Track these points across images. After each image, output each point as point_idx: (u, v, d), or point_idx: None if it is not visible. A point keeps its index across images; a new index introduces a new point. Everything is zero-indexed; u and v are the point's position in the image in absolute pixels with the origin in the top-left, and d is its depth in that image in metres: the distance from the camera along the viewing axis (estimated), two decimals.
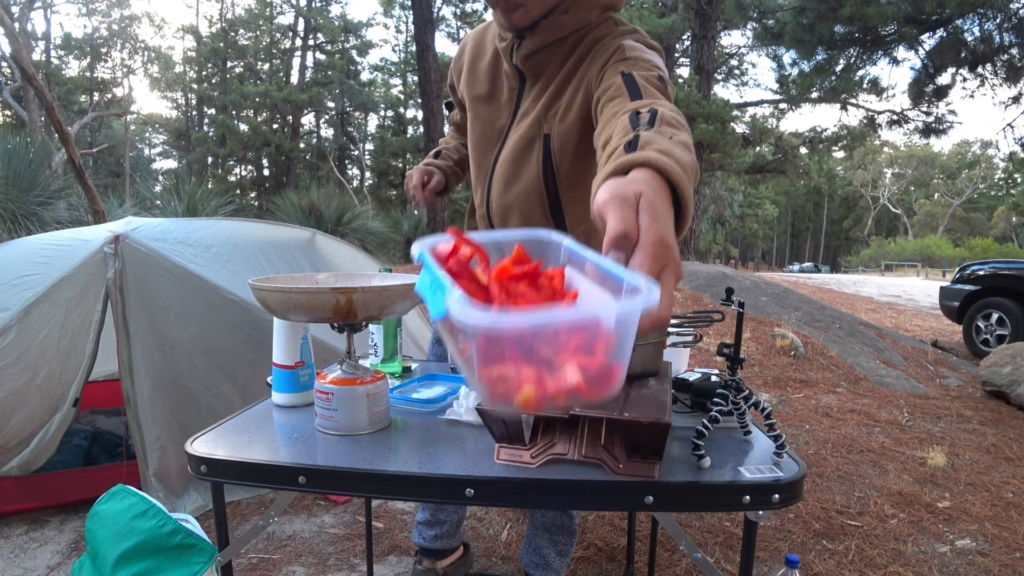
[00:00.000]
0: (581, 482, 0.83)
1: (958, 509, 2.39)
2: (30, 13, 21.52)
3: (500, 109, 1.31)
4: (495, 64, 1.32)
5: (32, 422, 2.09)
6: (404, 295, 1.00)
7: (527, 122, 1.25)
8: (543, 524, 1.61)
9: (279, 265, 2.58)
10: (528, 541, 1.66)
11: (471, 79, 1.37)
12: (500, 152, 1.30)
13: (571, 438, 0.88)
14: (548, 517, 1.61)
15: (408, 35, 29.40)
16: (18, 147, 7.03)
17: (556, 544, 1.61)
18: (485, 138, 1.33)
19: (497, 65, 1.32)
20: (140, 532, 1.44)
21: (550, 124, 1.22)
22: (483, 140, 1.34)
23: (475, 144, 1.36)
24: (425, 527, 1.66)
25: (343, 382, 1.01)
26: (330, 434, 1.00)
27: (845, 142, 12.41)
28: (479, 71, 1.35)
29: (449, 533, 1.67)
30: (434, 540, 1.66)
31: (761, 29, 7.13)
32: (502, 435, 0.87)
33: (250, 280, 1.02)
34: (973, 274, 6.14)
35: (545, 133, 1.22)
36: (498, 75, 1.32)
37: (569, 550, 1.64)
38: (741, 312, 0.92)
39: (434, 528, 1.65)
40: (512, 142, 1.27)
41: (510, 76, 1.29)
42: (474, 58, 1.37)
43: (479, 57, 1.37)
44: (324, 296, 0.94)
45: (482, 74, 1.34)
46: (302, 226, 3.27)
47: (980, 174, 47.81)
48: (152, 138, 36.75)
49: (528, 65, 1.23)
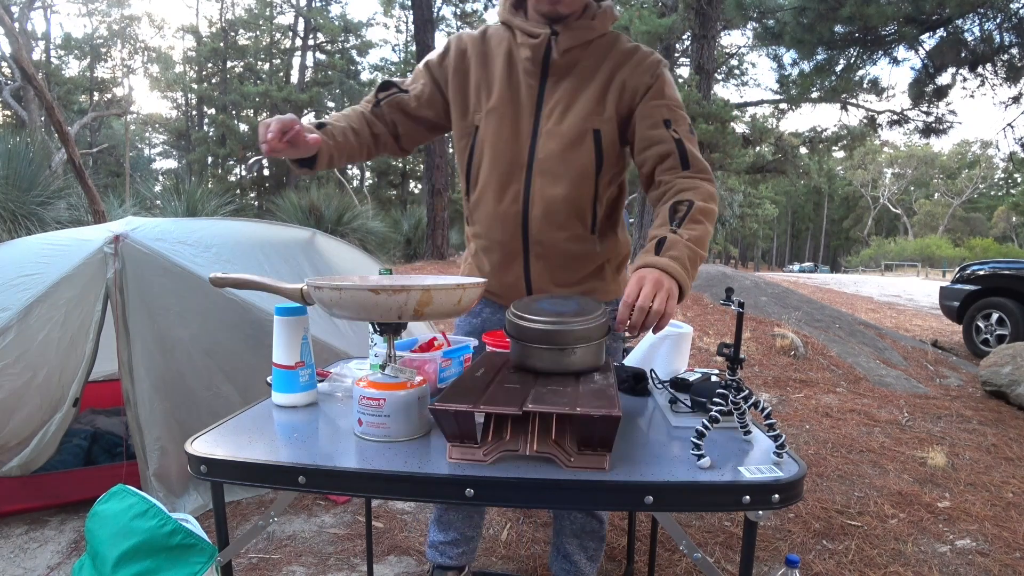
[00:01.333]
0: (580, 482, 0.83)
1: (958, 509, 2.39)
2: (30, 13, 21.51)
3: (520, 107, 1.35)
4: (509, 66, 1.36)
5: (32, 422, 2.09)
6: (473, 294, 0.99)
7: (572, 118, 1.31)
8: (572, 531, 1.60)
9: (279, 265, 2.58)
10: (556, 548, 1.65)
11: (485, 83, 1.38)
12: (535, 147, 1.33)
13: (522, 434, 0.89)
14: (578, 524, 1.60)
15: (408, 35, 29.42)
16: (18, 147, 7.03)
17: (586, 550, 1.61)
18: (512, 137, 1.35)
19: (511, 67, 1.36)
20: (140, 532, 1.44)
21: (600, 121, 1.32)
22: (510, 139, 1.35)
23: (497, 145, 1.36)
24: (449, 547, 1.64)
25: (394, 387, 0.96)
26: (380, 441, 0.97)
27: (845, 142, 12.38)
28: (493, 75, 1.37)
29: (472, 549, 1.68)
30: (460, 557, 1.65)
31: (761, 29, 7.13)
32: (453, 434, 0.87)
33: (307, 280, 1.01)
34: (973, 274, 6.13)
35: (595, 129, 1.32)
36: (514, 75, 1.36)
37: (599, 555, 1.64)
38: (741, 312, 0.92)
39: (460, 547, 1.65)
40: (559, 136, 1.32)
41: (530, 74, 1.34)
42: (482, 65, 1.39)
43: (488, 64, 1.39)
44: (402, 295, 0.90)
45: (498, 78, 1.37)
46: (302, 226, 3.27)
47: (980, 174, 47.78)
48: (152, 138, 36.75)
49: (563, 60, 1.32)
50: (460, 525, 1.64)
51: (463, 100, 1.41)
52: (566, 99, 1.33)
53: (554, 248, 1.38)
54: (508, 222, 1.37)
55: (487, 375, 1.05)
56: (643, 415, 1.14)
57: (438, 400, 0.87)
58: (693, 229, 1.17)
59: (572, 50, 1.31)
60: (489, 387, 0.98)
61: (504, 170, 1.36)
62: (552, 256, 1.39)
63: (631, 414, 1.14)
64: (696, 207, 1.20)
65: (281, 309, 1.16)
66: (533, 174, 1.34)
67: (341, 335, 2.51)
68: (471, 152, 1.41)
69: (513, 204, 1.36)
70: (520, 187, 1.35)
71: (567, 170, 1.33)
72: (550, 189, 1.33)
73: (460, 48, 1.42)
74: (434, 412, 0.86)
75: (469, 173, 1.43)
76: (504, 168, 1.36)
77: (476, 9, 29.24)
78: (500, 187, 1.37)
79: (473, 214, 1.46)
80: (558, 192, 1.33)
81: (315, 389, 1.20)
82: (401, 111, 1.46)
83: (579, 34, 1.31)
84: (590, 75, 1.33)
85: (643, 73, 1.32)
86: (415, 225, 12.31)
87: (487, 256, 1.45)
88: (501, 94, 1.35)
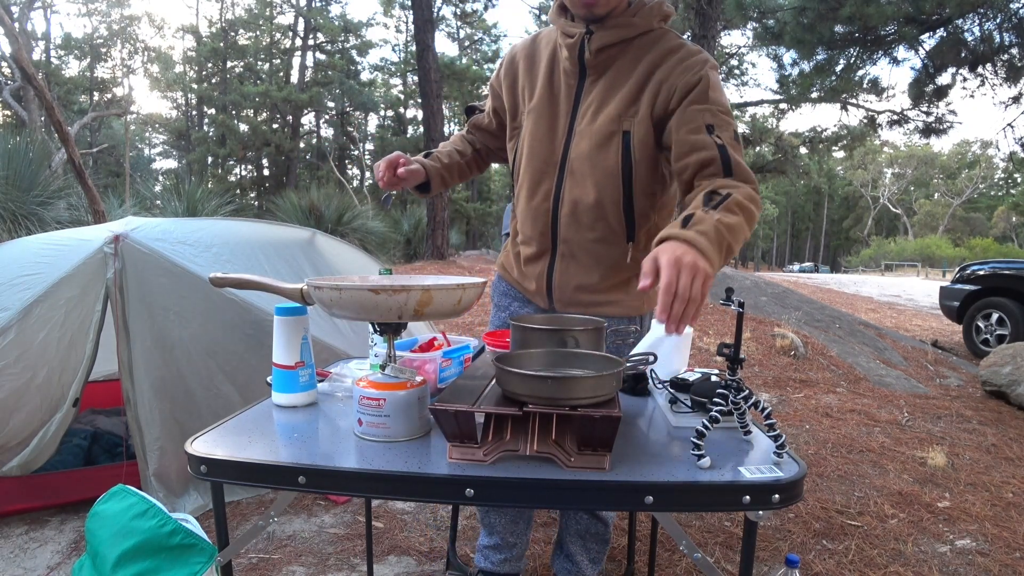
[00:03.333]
0: (580, 482, 0.83)
1: (958, 509, 2.39)
2: (30, 13, 21.52)
3: (558, 106, 1.37)
4: (552, 66, 1.38)
5: (32, 422, 2.09)
6: (473, 294, 0.98)
7: (602, 118, 1.31)
8: (577, 531, 1.60)
9: (279, 265, 2.58)
10: (559, 547, 1.65)
11: (528, 84, 1.41)
12: (569, 146, 1.35)
13: (522, 435, 0.89)
14: (583, 525, 1.60)
15: (408, 35, 29.42)
16: (18, 147, 7.02)
17: (589, 551, 1.61)
18: (548, 135, 1.37)
19: (553, 67, 1.38)
20: (140, 532, 1.44)
21: (630, 122, 1.29)
22: (545, 138, 1.38)
23: (533, 144, 1.39)
24: (492, 551, 1.65)
25: (394, 387, 0.96)
26: (380, 441, 0.96)
27: (845, 142, 12.38)
28: (536, 76, 1.40)
29: (517, 556, 1.67)
30: (503, 564, 1.65)
31: (761, 29, 7.12)
32: (453, 434, 0.87)
33: (307, 280, 1.00)
34: (973, 274, 6.14)
35: (625, 130, 1.29)
36: (555, 75, 1.38)
37: (601, 558, 1.64)
38: (741, 312, 0.92)
39: (503, 552, 1.65)
40: (589, 136, 1.32)
41: (569, 73, 1.35)
42: (528, 68, 1.42)
43: (533, 65, 1.42)
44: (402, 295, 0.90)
45: (541, 78, 1.39)
46: (302, 226, 3.27)
47: (980, 174, 47.77)
48: (152, 138, 36.75)
49: (597, 59, 1.30)
50: (502, 529, 1.63)
51: (513, 103, 1.45)
52: (600, 98, 1.32)
53: (581, 248, 1.38)
54: (539, 219, 1.40)
55: (487, 375, 1.05)
56: (643, 415, 1.14)
57: (438, 400, 0.87)
58: (727, 216, 1.05)
59: (606, 49, 1.29)
60: (489, 387, 0.98)
61: (538, 167, 1.38)
62: (578, 256, 1.40)
63: (631, 414, 1.14)
64: (733, 198, 1.08)
65: (281, 309, 1.16)
66: (564, 173, 1.36)
67: (341, 335, 2.51)
68: (516, 151, 1.44)
69: (544, 201, 1.38)
70: (551, 185, 1.37)
71: (593, 170, 1.32)
72: (577, 189, 1.34)
73: (512, 56, 1.47)
74: (434, 412, 0.86)
75: (514, 171, 1.47)
76: (538, 166, 1.38)
77: (476, 9, 29.24)
78: (534, 184, 1.39)
79: (517, 210, 1.49)
80: (585, 192, 1.33)
81: (315, 389, 1.20)
82: (480, 129, 1.61)
83: (616, 32, 1.27)
84: (626, 74, 1.29)
85: (684, 72, 1.23)
86: (415, 225, 12.30)
87: (524, 248, 1.49)
88: (542, 94, 1.38)
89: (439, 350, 1.26)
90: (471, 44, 31.32)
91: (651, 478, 0.84)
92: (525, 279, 1.50)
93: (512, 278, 1.55)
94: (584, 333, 1.07)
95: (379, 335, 1.04)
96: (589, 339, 1.08)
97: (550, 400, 0.85)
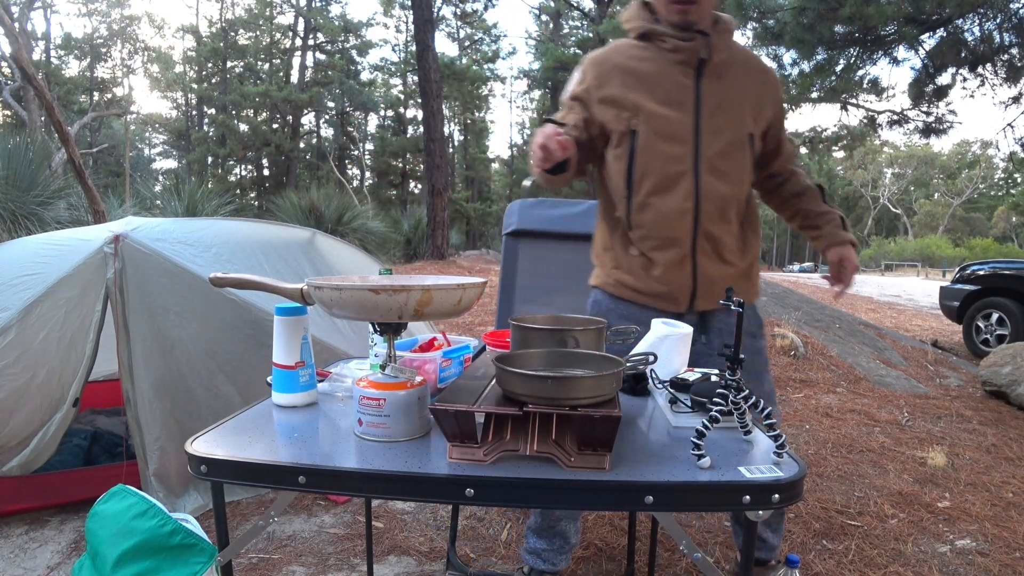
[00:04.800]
0: (580, 482, 0.83)
1: (958, 509, 2.39)
2: (30, 13, 21.51)
3: (681, 108, 1.41)
4: (661, 70, 1.43)
5: (32, 422, 2.09)
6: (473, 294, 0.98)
7: (730, 116, 1.42)
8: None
9: (279, 265, 2.58)
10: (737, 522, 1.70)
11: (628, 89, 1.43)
12: (700, 147, 1.40)
13: (522, 435, 0.89)
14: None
15: (408, 35, 29.39)
16: (18, 147, 7.03)
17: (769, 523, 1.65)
18: (673, 136, 1.41)
19: (663, 71, 1.42)
20: (140, 532, 1.44)
21: (754, 126, 1.47)
22: (671, 140, 1.41)
23: (656, 144, 1.41)
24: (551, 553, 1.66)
25: (394, 387, 0.96)
26: (380, 441, 0.96)
27: (845, 142, 12.37)
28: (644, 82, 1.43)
29: (568, 548, 1.70)
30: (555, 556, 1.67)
31: (761, 29, 7.12)
32: (453, 434, 0.87)
33: (307, 279, 1.00)
34: (973, 274, 6.13)
35: (750, 133, 1.45)
36: (668, 79, 1.42)
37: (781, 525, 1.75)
38: (741, 312, 0.92)
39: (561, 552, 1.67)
40: (721, 136, 1.42)
41: (686, 75, 1.42)
42: (623, 74, 1.44)
43: (631, 72, 1.44)
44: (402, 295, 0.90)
45: (651, 83, 1.42)
46: (302, 226, 3.27)
47: (980, 174, 47.75)
48: (152, 138, 36.73)
49: (717, 60, 1.42)
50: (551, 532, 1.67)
51: (615, 110, 1.44)
52: (724, 100, 1.42)
53: (720, 244, 1.44)
54: (680, 218, 1.42)
55: (487, 375, 1.05)
56: (643, 415, 1.14)
57: (438, 400, 0.87)
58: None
59: (723, 52, 1.43)
60: (489, 387, 0.98)
61: (669, 168, 1.41)
62: (717, 252, 1.45)
63: (631, 414, 1.14)
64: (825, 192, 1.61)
65: (281, 309, 1.16)
66: (701, 171, 1.40)
67: (341, 335, 2.51)
68: (631, 156, 1.43)
69: (685, 200, 1.41)
70: (690, 184, 1.40)
71: (729, 168, 1.42)
72: (718, 186, 1.40)
73: (594, 68, 1.48)
74: (434, 412, 0.86)
75: (631, 177, 1.44)
76: (669, 166, 1.41)
77: (476, 9, 29.25)
78: (667, 184, 1.41)
79: (638, 215, 1.45)
80: (724, 189, 1.41)
81: (315, 389, 1.20)
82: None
83: (725, 38, 1.45)
84: (741, 80, 1.45)
85: (777, 87, 1.55)
86: (415, 225, 12.30)
87: (659, 254, 1.45)
88: (658, 96, 1.41)
89: (439, 350, 1.27)
90: (471, 44, 31.32)
91: (651, 478, 0.84)
92: (659, 284, 1.47)
93: (635, 289, 1.50)
94: (584, 333, 1.07)
95: (379, 335, 1.04)
96: (589, 339, 1.08)
97: (550, 400, 0.85)
